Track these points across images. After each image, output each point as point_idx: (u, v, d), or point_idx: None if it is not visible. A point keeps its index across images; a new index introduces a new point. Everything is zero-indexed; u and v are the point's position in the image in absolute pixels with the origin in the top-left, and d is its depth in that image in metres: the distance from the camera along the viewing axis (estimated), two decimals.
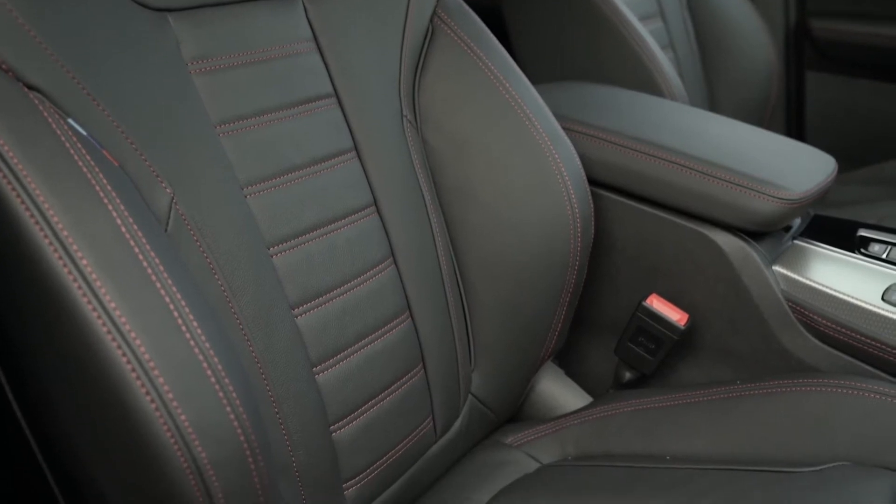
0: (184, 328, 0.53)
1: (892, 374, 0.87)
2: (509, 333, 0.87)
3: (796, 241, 0.97)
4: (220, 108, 0.67)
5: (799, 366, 0.92)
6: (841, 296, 0.89)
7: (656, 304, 0.96)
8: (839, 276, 0.91)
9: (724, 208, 0.92)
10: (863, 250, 0.94)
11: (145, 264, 0.53)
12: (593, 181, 0.96)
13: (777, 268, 0.93)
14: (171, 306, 0.53)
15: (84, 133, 0.57)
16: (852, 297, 0.88)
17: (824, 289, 0.90)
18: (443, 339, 0.82)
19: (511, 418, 0.98)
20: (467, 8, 0.90)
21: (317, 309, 0.71)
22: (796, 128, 1.85)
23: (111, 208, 0.54)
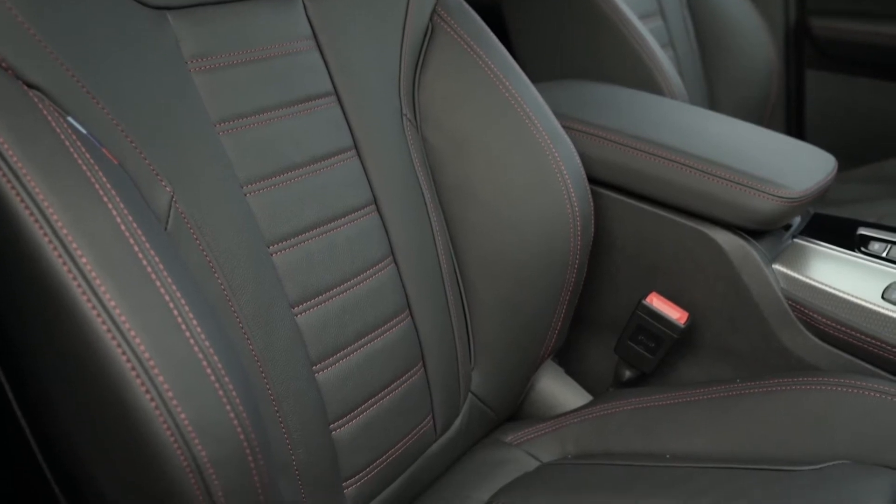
0: (183, 327, 0.53)
1: (892, 372, 0.87)
2: (509, 332, 0.87)
3: (796, 240, 0.97)
4: (220, 106, 0.67)
5: (799, 364, 0.92)
6: (841, 294, 0.89)
7: (656, 302, 0.96)
8: (839, 274, 0.91)
9: (724, 207, 0.92)
10: (863, 249, 0.94)
11: (145, 263, 0.53)
12: (593, 179, 0.96)
13: (777, 266, 0.93)
14: (171, 305, 0.53)
15: (84, 131, 0.57)
16: (852, 296, 0.88)
17: (824, 287, 0.90)
18: (443, 338, 0.82)
19: (511, 417, 0.98)
20: (467, 6, 0.89)
21: (317, 307, 0.71)
22: (796, 126, 1.85)
23: (111, 206, 0.54)
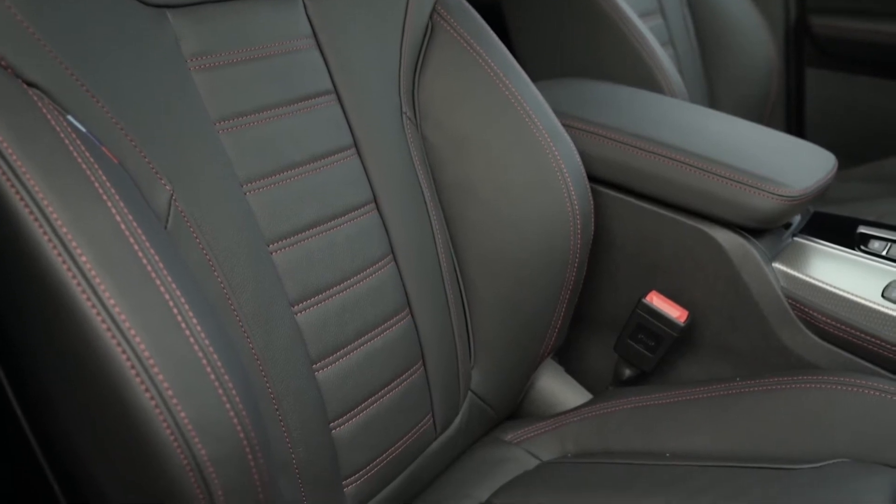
0: (183, 325, 0.53)
1: (891, 370, 0.87)
2: (509, 330, 0.87)
3: (796, 238, 0.97)
4: (220, 104, 0.67)
5: (798, 363, 0.92)
6: (841, 293, 0.89)
7: (656, 301, 0.96)
8: (839, 272, 0.91)
9: (724, 205, 0.91)
10: (863, 247, 0.94)
11: (145, 261, 0.53)
12: (593, 178, 0.96)
13: (777, 265, 0.93)
14: (171, 303, 0.53)
15: (83, 130, 0.57)
16: (852, 294, 0.88)
17: (824, 286, 0.90)
18: (442, 337, 0.82)
19: (511, 415, 0.98)
20: (467, 4, 0.89)
21: (316, 306, 0.71)
22: (796, 124, 1.85)
23: (110, 205, 0.53)
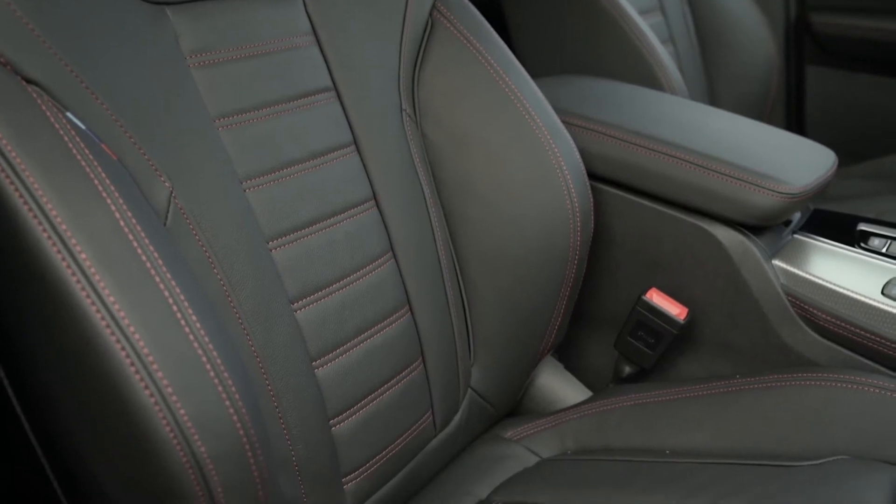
0: (183, 322, 0.53)
1: (891, 368, 0.87)
2: (509, 327, 0.87)
3: (796, 236, 0.97)
4: (219, 101, 0.67)
5: (798, 360, 0.92)
6: (841, 290, 0.89)
7: (656, 298, 0.96)
8: (839, 270, 0.91)
9: (724, 202, 0.91)
10: (863, 244, 0.94)
11: (144, 258, 0.53)
12: (593, 175, 0.96)
13: (777, 262, 0.92)
14: (171, 300, 0.53)
15: (82, 127, 0.56)
16: (852, 292, 0.88)
17: (824, 283, 0.90)
18: (442, 334, 0.82)
19: (510, 412, 0.98)
20: (467, 1, 0.89)
21: (316, 303, 0.71)
22: (796, 122, 1.85)
23: (110, 202, 0.53)
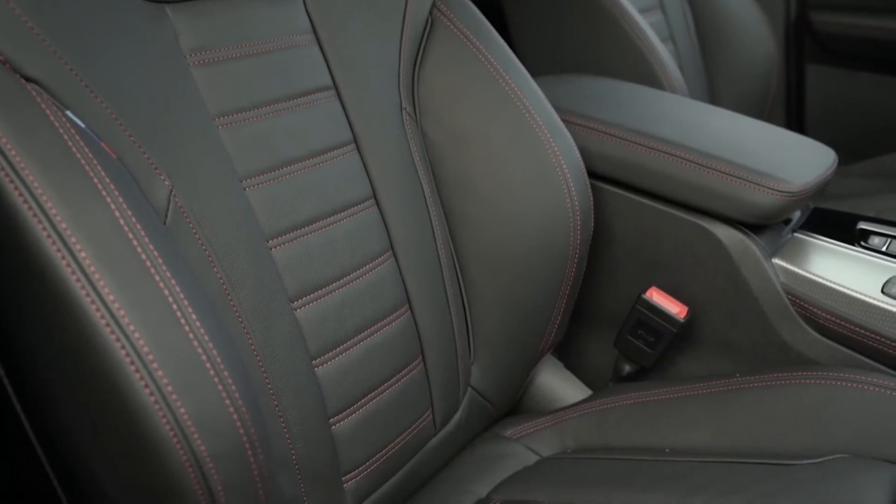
0: (183, 321, 0.53)
1: (891, 366, 0.87)
2: (509, 326, 0.87)
3: (796, 234, 0.97)
4: (219, 100, 0.67)
5: (798, 359, 0.92)
6: (841, 288, 0.89)
7: (656, 296, 0.96)
8: (839, 268, 0.91)
9: (724, 201, 0.91)
10: (863, 243, 0.94)
11: (144, 257, 0.53)
12: (593, 174, 0.96)
13: (777, 260, 0.92)
14: (170, 299, 0.53)
15: (82, 125, 0.56)
16: (852, 290, 0.88)
17: (824, 282, 0.90)
18: (442, 332, 0.82)
19: (510, 411, 0.98)
20: (467, 0, 0.89)
21: (316, 302, 0.71)
22: (796, 121, 1.85)
23: (109, 201, 0.53)
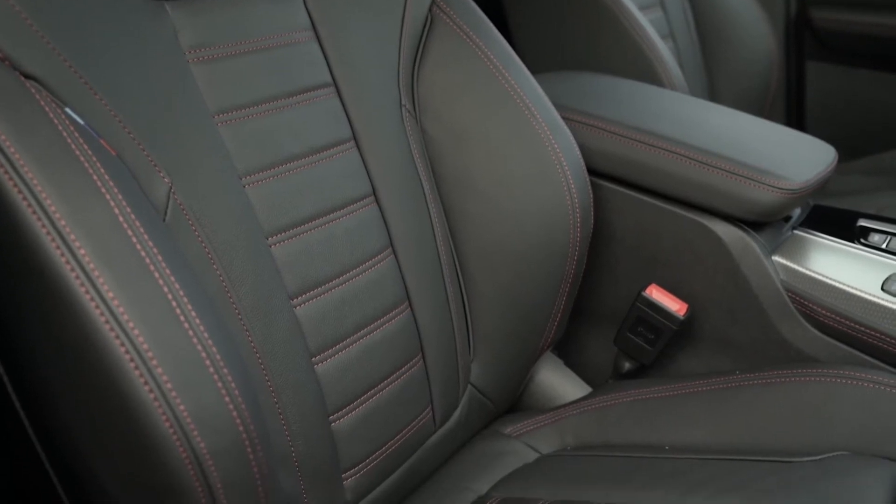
0: (182, 318, 0.53)
1: (891, 363, 0.87)
2: (508, 323, 0.87)
3: (796, 231, 0.97)
4: (218, 97, 0.67)
5: (798, 356, 0.92)
6: (840, 286, 0.89)
7: (655, 294, 0.96)
8: (839, 266, 0.91)
9: (724, 198, 0.91)
10: (863, 240, 0.94)
11: (143, 254, 0.53)
12: (593, 171, 0.96)
13: (776, 258, 0.92)
14: (170, 296, 0.53)
15: (81, 122, 0.56)
16: (852, 287, 0.88)
17: (824, 279, 0.90)
18: (442, 330, 0.82)
19: (510, 408, 0.98)
20: None
21: (316, 299, 0.71)
22: (796, 118, 1.85)
23: (109, 198, 0.53)
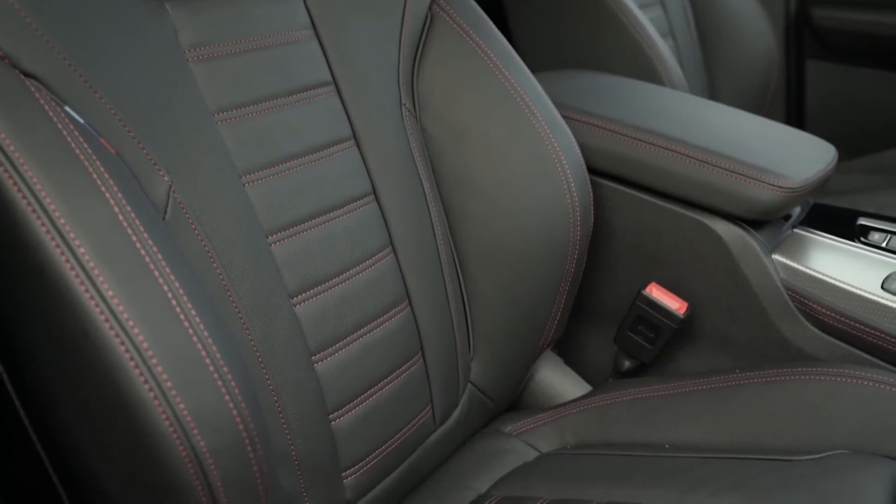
0: (182, 317, 0.53)
1: (891, 362, 0.87)
2: (508, 322, 0.87)
3: (796, 230, 0.97)
4: (218, 95, 0.67)
5: (798, 354, 0.92)
6: (840, 284, 0.89)
7: (655, 292, 0.96)
8: (839, 264, 0.91)
9: (724, 197, 0.91)
10: (863, 239, 0.94)
11: (143, 253, 0.53)
12: (593, 170, 0.96)
13: (776, 256, 0.92)
14: (170, 295, 0.53)
15: (81, 121, 0.56)
16: (852, 286, 0.88)
17: (824, 277, 0.90)
18: (442, 328, 0.82)
19: (510, 407, 0.98)
20: None
21: (315, 298, 0.71)
22: (796, 116, 1.85)
23: (108, 196, 0.53)
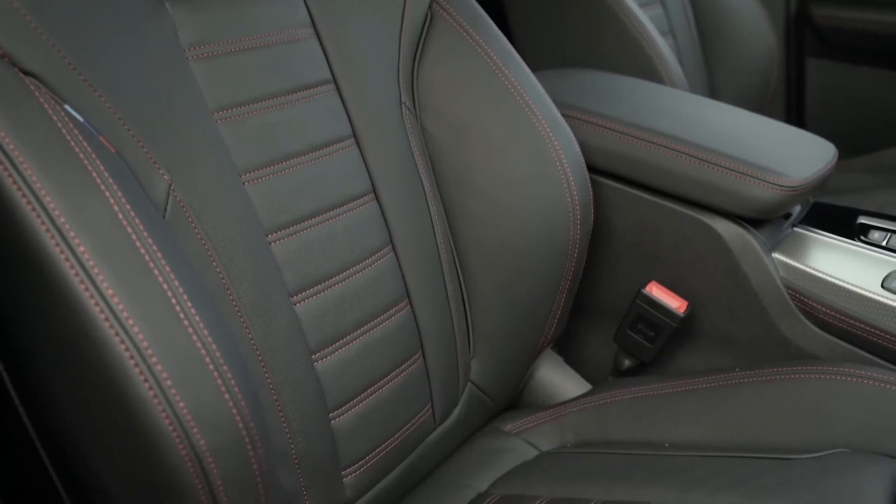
0: (182, 315, 0.53)
1: (891, 361, 0.87)
2: (508, 321, 0.87)
3: (796, 229, 0.97)
4: (218, 94, 0.67)
5: (798, 353, 0.92)
6: (840, 283, 0.89)
7: (655, 291, 0.96)
8: (839, 263, 0.91)
9: (724, 195, 0.91)
10: (863, 238, 0.94)
11: (143, 251, 0.53)
12: (593, 168, 0.96)
13: (776, 255, 0.92)
14: (169, 293, 0.53)
15: (80, 119, 0.56)
16: (852, 285, 0.88)
17: (824, 276, 0.90)
18: (442, 327, 0.82)
19: (510, 406, 0.98)
20: None
21: (315, 296, 0.71)
22: (796, 115, 1.85)
23: (108, 195, 0.53)
